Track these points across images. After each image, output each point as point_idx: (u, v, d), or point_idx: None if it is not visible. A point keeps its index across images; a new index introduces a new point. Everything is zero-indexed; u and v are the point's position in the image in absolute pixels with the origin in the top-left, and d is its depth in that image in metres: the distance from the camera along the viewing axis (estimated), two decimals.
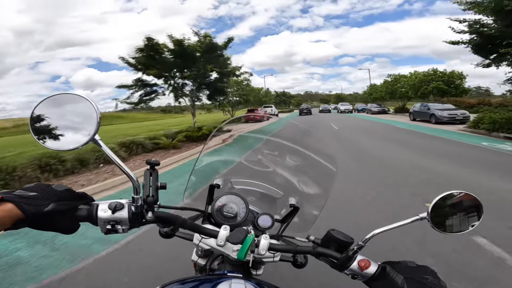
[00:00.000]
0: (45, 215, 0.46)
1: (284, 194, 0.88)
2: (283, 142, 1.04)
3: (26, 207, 0.44)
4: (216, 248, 0.65)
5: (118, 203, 0.53)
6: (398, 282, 0.52)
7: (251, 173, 0.94)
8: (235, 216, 0.74)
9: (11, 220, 0.43)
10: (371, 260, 0.58)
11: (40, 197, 0.47)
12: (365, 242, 0.56)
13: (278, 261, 0.69)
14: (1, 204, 0.42)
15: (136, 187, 0.53)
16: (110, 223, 0.53)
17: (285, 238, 0.75)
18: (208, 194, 0.83)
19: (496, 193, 3.37)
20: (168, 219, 0.58)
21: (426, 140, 8.77)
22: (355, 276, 0.58)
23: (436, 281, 0.52)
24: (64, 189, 0.50)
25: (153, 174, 0.58)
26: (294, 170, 0.95)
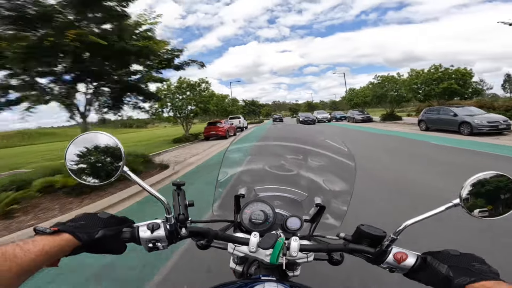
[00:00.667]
0: (97, 240, 0.53)
1: (308, 195, 0.91)
2: (297, 145, 1.08)
3: (80, 235, 0.50)
4: (249, 255, 0.66)
5: (155, 224, 0.59)
6: (442, 271, 0.51)
7: (273, 178, 0.95)
8: (264, 222, 0.75)
9: (70, 248, 0.50)
10: (409, 251, 0.57)
11: (90, 225, 0.53)
12: (398, 235, 0.56)
13: (313, 260, 0.68)
14: (59, 235, 0.48)
15: (167, 208, 0.60)
16: (151, 242, 0.59)
17: (316, 237, 0.77)
18: (234, 204, 0.85)
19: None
20: (201, 233, 0.64)
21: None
22: (392, 270, 0.58)
23: (485, 268, 0.49)
24: (108, 216, 0.58)
25: (180, 193, 0.63)
26: (313, 170, 0.97)
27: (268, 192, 0.91)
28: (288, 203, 0.88)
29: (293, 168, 0.98)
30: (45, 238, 0.46)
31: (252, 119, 56.47)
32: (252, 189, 0.92)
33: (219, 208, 0.90)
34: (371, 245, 0.60)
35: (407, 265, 0.56)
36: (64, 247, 0.48)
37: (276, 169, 0.98)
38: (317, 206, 0.84)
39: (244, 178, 0.96)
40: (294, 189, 0.93)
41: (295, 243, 0.61)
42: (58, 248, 0.47)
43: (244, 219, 0.77)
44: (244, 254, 0.69)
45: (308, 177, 0.96)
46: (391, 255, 0.57)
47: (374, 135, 13.17)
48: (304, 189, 0.93)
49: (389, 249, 0.57)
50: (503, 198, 0.54)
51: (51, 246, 0.46)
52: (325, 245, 0.64)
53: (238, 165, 0.98)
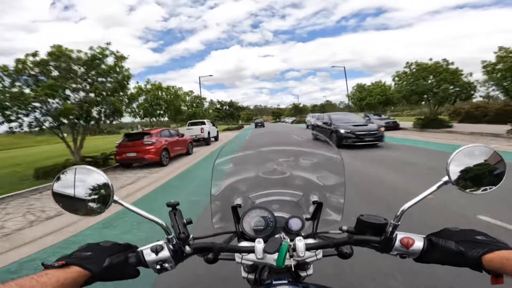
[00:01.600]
0: (106, 269, 0.53)
1: (304, 194, 0.91)
2: (283, 148, 1.12)
3: (89, 266, 0.50)
4: (258, 262, 0.66)
5: (158, 246, 0.59)
6: (452, 247, 0.51)
7: (266, 184, 0.95)
8: (266, 228, 0.75)
9: (82, 279, 0.49)
10: (414, 235, 0.57)
11: (96, 256, 0.53)
12: (398, 220, 0.57)
13: (322, 257, 0.69)
14: (69, 267, 0.48)
15: (166, 229, 0.60)
16: (158, 263, 0.59)
17: (320, 234, 0.77)
18: (233, 215, 0.84)
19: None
20: (205, 248, 0.64)
21: None
22: (403, 256, 0.58)
23: (492, 239, 0.50)
24: (111, 244, 0.58)
25: (176, 213, 0.64)
26: (303, 169, 0.99)
27: (264, 197, 0.91)
28: (285, 205, 0.88)
29: (284, 171, 0.99)
30: (57, 271, 0.47)
31: (230, 123, 46.63)
32: (248, 197, 0.91)
33: (218, 221, 0.89)
34: (375, 234, 0.60)
35: (417, 249, 0.56)
36: (77, 279, 0.48)
37: (267, 174, 0.98)
38: (314, 203, 0.85)
39: (237, 188, 0.95)
40: (288, 190, 0.93)
41: (300, 243, 0.61)
42: (71, 280, 0.47)
43: (246, 228, 0.76)
44: (252, 262, 0.68)
45: (300, 176, 0.97)
46: (398, 241, 0.57)
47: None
48: (298, 189, 0.93)
49: (394, 235, 0.57)
50: (490, 170, 0.55)
51: (65, 279, 0.46)
52: (331, 241, 0.65)
53: (229, 176, 0.97)
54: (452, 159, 0.55)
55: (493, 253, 0.47)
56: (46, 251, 3.09)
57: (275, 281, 0.63)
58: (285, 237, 0.63)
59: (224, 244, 0.66)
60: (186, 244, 0.61)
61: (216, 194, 0.89)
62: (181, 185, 6.12)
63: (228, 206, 0.86)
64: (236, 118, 52.16)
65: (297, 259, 0.62)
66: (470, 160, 0.56)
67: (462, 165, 0.55)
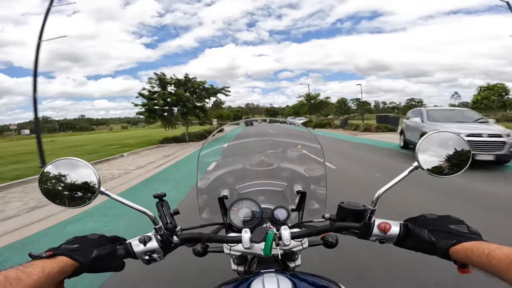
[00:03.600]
0: (93, 260, 0.53)
1: (288, 184, 0.93)
2: (266, 139, 1.12)
3: (77, 257, 0.51)
4: (246, 252, 0.67)
5: (146, 236, 0.60)
6: (424, 236, 0.53)
7: (251, 175, 0.96)
8: (252, 218, 0.76)
9: (70, 269, 0.50)
10: (391, 221, 0.59)
11: (83, 247, 0.54)
12: (375, 205, 0.58)
13: (308, 247, 0.70)
14: (56, 258, 0.49)
15: (153, 219, 0.60)
16: (147, 254, 0.59)
17: (305, 224, 0.79)
18: (220, 207, 0.85)
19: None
20: (194, 238, 0.64)
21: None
22: (382, 241, 0.60)
23: (464, 228, 0.51)
24: (98, 236, 0.58)
25: (163, 204, 0.64)
26: (285, 159, 1.01)
27: (249, 188, 0.92)
28: (271, 196, 0.89)
29: (268, 162, 1.00)
30: (43, 261, 0.47)
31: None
32: (234, 189, 0.92)
33: (205, 213, 0.90)
34: (355, 221, 0.61)
35: (393, 234, 0.58)
36: (64, 269, 0.49)
37: (251, 165, 0.99)
38: (298, 193, 0.87)
39: (223, 179, 0.96)
40: (273, 181, 0.94)
41: (286, 232, 0.62)
42: (58, 270, 0.47)
43: (233, 219, 0.77)
44: (241, 253, 0.70)
45: (283, 167, 0.98)
46: (376, 227, 0.59)
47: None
48: (282, 180, 0.95)
49: (372, 221, 0.59)
50: (456, 154, 0.58)
51: (51, 268, 0.46)
52: (314, 229, 0.66)
53: (214, 169, 0.98)
54: (420, 144, 0.58)
55: (459, 245, 0.48)
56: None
57: (262, 270, 0.65)
58: (271, 226, 0.64)
59: (212, 235, 0.67)
60: (174, 234, 0.61)
61: (202, 187, 0.90)
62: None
63: (214, 198, 0.87)
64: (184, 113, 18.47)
65: (283, 248, 0.63)
66: (437, 146, 0.58)
67: (429, 150, 0.58)
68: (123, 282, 2.03)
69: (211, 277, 1.92)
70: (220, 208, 0.85)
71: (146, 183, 5.98)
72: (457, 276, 0.55)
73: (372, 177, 5.48)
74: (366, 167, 6.62)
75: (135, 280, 2.04)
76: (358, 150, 10.16)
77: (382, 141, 12.81)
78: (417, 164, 0.58)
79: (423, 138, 0.59)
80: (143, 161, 9.32)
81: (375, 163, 7.18)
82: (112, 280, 2.05)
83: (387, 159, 7.78)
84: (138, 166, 8.35)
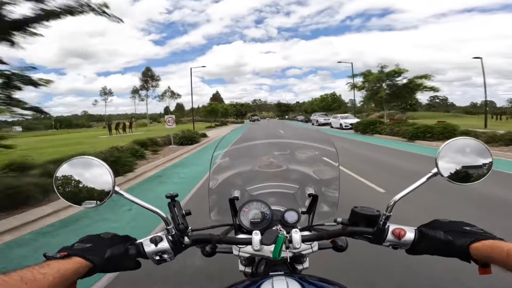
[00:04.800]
0: (107, 260, 0.53)
1: (300, 187, 0.92)
2: (279, 140, 1.10)
3: (90, 257, 0.51)
4: (255, 254, 0.67)
5: (157, 237, 0.60)
6: (441, 237, 0.53)
7: (262, 177, 0.96)
8: (262, 220, 0.76)
9: (84, 270, 0.50)
10: (405, 227, 0.58)
11: (97, 247, 0.54)
12: (390, 211, 0.58)
13: (318, 250, 0.69)
14: (71, 258, 0.49)
15: (165, 220, 0.60)
16: (157, 254, 0.59)
17: (316, 227, 0.77)
18: (230, 208, 0.85)
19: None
20: (204, 239, 0.64)
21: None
22: (396, 246, 0.59)
23: (478, 229, 0.51)
24: (111, 235, 0.58)
25: (175, 204, 0.64)
26: (298, 162, 1.00)
27: (261, 190, 0.92)
28: (282, 198, 0.89)
29: (280, 164, 0.99)
30: (58, 262, 0.47)
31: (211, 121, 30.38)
32: (245, 190, 0.92)
33: (216, 214, 0.90)
34: (368, 226, 0.61)
35: (408, 240, 0.57)
36: (78, 269, 0.49)
37: (264, 167, 0.98)
38: (309, 196, 0.86)
39: (234, 181, 0.95)
40: (285, 183, 0.94)
41: (296, 235, 0.61)
42: (72, 271, 0.47)
43: (243, 221, 0.77)
44: (249, 254, 0.69)
45: (295, 169, 0.98)
46: (390, 233, 0.58)
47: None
48: (294, 182, 0.94)
49: (386, 226, 0.59)
50: (477, 161, 0.56)
51: (65, 269, 0.46)
52: (325, 233, 0.66)
53: (226, 170, 0.97)
54: (441, 151, 0.57)
55: (480, 242, 0.48)
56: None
57: (271, 273, 0.64)
58: (281, 229, 0.63)
59: (222, 236, 0.67)
60: (185, 235, 0.61)
61: (213, 187, 0.89)
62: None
63: (225, 199, 0.87)
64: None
65: (293, 251, 0.63)
66: (458, 152, 0.57)
67: (450, 157, 0.57)
68: (136, 280, 2.05)
69: (218, 275, 1.97)
70: (230, 209, 0.85)
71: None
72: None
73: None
74: None
75: (144, 278, 2.06)
76: None
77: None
78: (436, 171, 0.56)
79: (444, 145, 0.58)
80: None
81: None
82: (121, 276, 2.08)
83: None
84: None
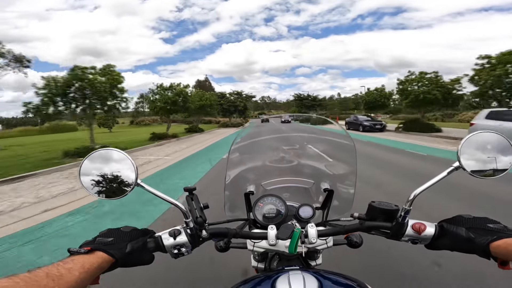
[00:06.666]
0: (128, 254, 0.54)
1: (315, 182, 0.91)
2: (294, 134, 1.11)
3: (112, 252, 0.51)
4: (269, 249, 0.67)
5: (176, 230, 0.60)
6: (462, 233, 0.52)
7: (277, 171, 0.95)
8: (277, 215, 0.76)
9: (107, 264, 0.50)
10: (425, 222, 0.57)
11: (118, 241, 0.54)
12: (410, 205, 0.56)
13: (332, 246, 0.69)
14: (94, 253, 0.49)
15: (185, 213, 0.60)
16: (176, 248, 0.59)
17: (331, 222, 0.76)
18: (245, 203, 0.85)
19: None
20: (221, 233, 0.64)
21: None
22: (415, 241, 0.58)
23: (503, 227, 0.50)
24: (131, 229, 0.58)
25: (193, 198, 0.65)
26: (315, 156, 0.98)
27: (275, 185, 0.91)
28: (296, 193, 0.88)
29: (295, 158, 0.98)
30: (82, 257, 0.47)
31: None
32: (260, 185, 0.92)
33: (230, 209, 0.89)
34: (386, 220, 0.60)
35: (428, 235, 0.56)
36: (101, 264, 0.49)
37: (279, 162, 0.97)
38: (325, 191, 0.85)
39: (249, 175, 0.95)
40: (300, 178, 0.93)
41: (312, 229, 0.61)
42: (97, 266, 0.47)
43: (258, 215, 0.77)
44: (264, 249, 0.69)
45: (311, 164, 0.96)
46: (409, 227, 0.57)
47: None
48: (309, 177, 0.93)
49: (406, 221, 0.57)
50: (499, 155, 0.55)
51: (90, 264, 0.46)
52: (342, 227, 0.65)
53: (241, 165, 0.97)
54: (462, 145, 0.56)
55: (501, 241, 0.47)
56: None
57: (286, 267, 0.64)
58: (296, 224, 0.63)
59: (239, 230, 0.67)
60: (203, 229, 0.61)
61: (228, 182, 0.90)
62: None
63: (240, 194, 0.87)
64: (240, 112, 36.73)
65: (308, 246, 0.62)
66: (479, 146, 0.56)
67: (472, 150, 0.56)
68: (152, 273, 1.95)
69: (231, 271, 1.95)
70: (245, 203, 0.85)
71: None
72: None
73: None
74: None
75: (160, 271, 2.02)
76: None
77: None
78: (458, 165, 0.55)
79: (465, 138, 0.57)
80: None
81: None
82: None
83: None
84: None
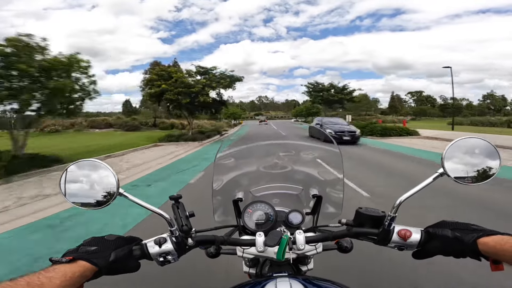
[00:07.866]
0: (112, 263, 0.53)
1: (304, 188, 0.92)
2: (282, 142, 1.18)
3: (96, 261, 0.50)
4: (259, 255, 0.67)
5: (161, 238, 0.60)
6: (448, 234, 0.53)
7: (266, 178, 0.95)
8: (266, 221, 0.75)
9: (90, 273, 0.50)
10: (411, 228, 0.58)
11: (101, 249, 0.53)
12: (396, 212, 0.57)
13: (322, 251, 0.70)
14: (76, 262, 0.48)
15: (169, 221, 0.60)
16: (161, 256, 0.59)
17: (320, 228, 0.77)
18: (234, 209, 0.85)
19: None
20: (208, 240, 0.64)
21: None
22: (401, 248, 0.58)
23: (486, 228, 0.51)
24: (115, 237, 0.58)
25: (179, 206, 0.64)
26: (302, 163, 0.99)
27: (264, 191, 0.91)
28: (286, 200, 0.88)
29: (284, 165, 0.99)
30: (64, 266, 0.46)
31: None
32: (249, 191, 0.92)
33: (219, 215, 0.89)
34: (373, 227, 0.60)
35: (414, 241, 0.56)
36: (84, 273, 0.48)
37: (267, 168, 0.98)
38: (314, 197, 0.86)
39: (238, 182, 0.95)
40: (289, 184, 0.94)
41: (300, 236, 0.61)
42: (79, 275, 0.47)
43: (247, 222, 0.77)
44: (253, 256, 0.70)
45: (299, 170, 0.97)
46: (395, 234, 0.58)
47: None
48: (298, 183, 0.94)
49: (392, 227, 0.58)
50: (485, 161, 0.55)
51: (72, 273, 0.46)
52: (330, 234, 0.65)
53: (229, 171, 0.97)
54: (447, 151, 0.55)
55: (487, 237, 0.48)
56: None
57: (275, 274, 0.64)
58: (285, 230, 0.64)
59: (226, 237, 0.67)
60: (189, 237, 0.61)
61: (217, 188, 0.90)
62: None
63: (229, 200, 0.87)
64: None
65: (297, 252, 0.63)
66: (464, 152, 0.56)
67: (456, 156, 0.55)
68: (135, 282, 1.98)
69: (222, 277, 1.94)
70: (234, 210, 0.85)
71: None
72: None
73: None
74: None
75: (148, 278, 1.99)
76: None
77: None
78: (443, 171, 0.55)
79: (450, 144, 0.56)
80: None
81: None
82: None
83: None
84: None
